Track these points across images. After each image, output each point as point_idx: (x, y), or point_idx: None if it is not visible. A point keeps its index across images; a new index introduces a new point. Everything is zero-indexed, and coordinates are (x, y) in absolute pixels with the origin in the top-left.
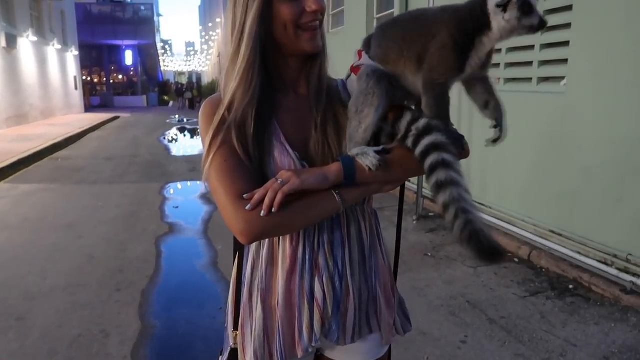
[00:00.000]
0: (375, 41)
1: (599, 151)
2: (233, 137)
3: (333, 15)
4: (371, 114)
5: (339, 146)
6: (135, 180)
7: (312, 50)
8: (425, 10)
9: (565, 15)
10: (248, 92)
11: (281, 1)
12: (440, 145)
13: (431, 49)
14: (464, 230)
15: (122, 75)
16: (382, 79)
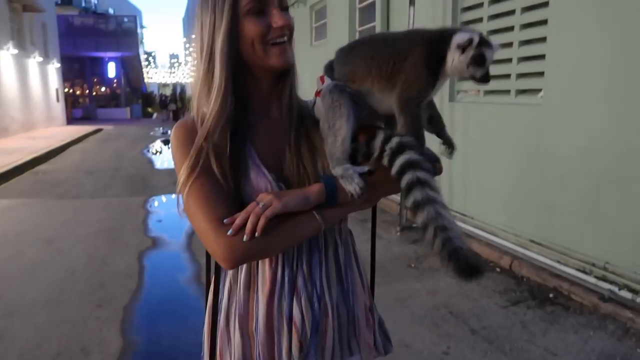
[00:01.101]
0: (338, 62)
1: (575, 161)
2: (212, 161)
3: (316, 28)
4: (344, 125)
5: (313, 166)
6: (118, 194)
7: (282, 65)
8: (392, 33)
9: (541, 29)
10: (224, 113)
11: (247, 18)
12: (415, 163)
13: (406, 68)
14: (443, 248)
15: (105, 87)
16: (344, 91)
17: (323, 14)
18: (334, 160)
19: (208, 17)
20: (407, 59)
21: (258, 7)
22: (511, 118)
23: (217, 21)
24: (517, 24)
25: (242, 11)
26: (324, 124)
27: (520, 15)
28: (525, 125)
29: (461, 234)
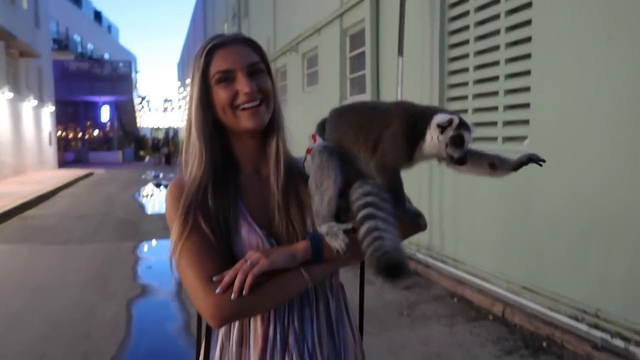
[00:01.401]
0: (330, 125)
1: (563, 208)
2: (199, 219)
3: (308, 74)
4: (331, 186)
5: (302, 225)
6: (108, 239)
7: (253, 127)
8: (381, 103)
9: (524, 79)
10: (205, 176)
11: (217, 87)
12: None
13: (384, 137)
14: (371, 255)
15: (98, 131)
16: (333, 152)
17: (314, 61)
18: (320, 219)
19: (189, 89)
20: (387, 128)
21: (225, 76)
22: None
23: (193, 92)
24: (502, 74)
25: (212, 81)
26: (312, 183)
27: (505, 65)
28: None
29: (396, 243)
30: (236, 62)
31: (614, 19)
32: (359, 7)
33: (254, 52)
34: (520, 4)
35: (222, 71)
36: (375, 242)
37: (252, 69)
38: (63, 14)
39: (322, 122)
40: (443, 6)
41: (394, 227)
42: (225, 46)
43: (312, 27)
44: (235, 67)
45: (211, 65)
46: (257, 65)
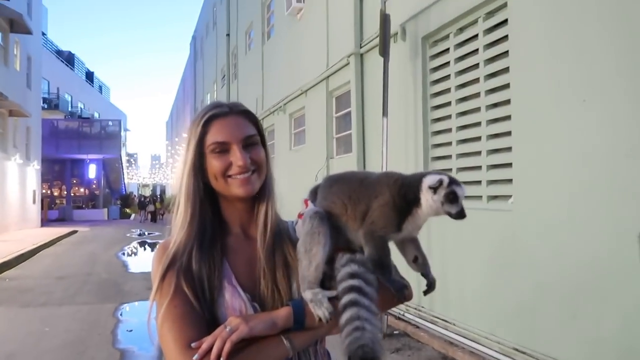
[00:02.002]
0: (321, 193)
1: (550, 268)
2: (182, 282)
3: (295, 134)
4: (319, 252)
5: (288, 289)
6: (88, 301)
7: (245, 195)
8: (371, 173)
9: (506, 139)
10: (189, 239)
11: (211, 156)
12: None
13: (373, 206)
14: (350, 343)
15: (83, 189)
16: (324, 219)
17: (302, 121)
18: (306, 284)
19: (183, 154)
20: (376, 198)
21: (221, 148)
22: (485, 223)
23: (187, 158)
24: (484, 134)
25: (207, 150)
26: (301, 247)
27: (487, 126)
28: (498, 231)
29: (375, 336)
30: (232, 134)
31: (589, 83)
32: (344, 70)
33: (250, 123)
34: (499, 69)
35: (218, 142)
36: (354, 332)
37: (247, 141)
38: (55, 75)
39: (315, 188)
40: (425, 69)
41: (376, 316)
42: (222, 117)
43: (298, 89)
44: (231, 139)
45: (207, 135)
46: (253, 138)
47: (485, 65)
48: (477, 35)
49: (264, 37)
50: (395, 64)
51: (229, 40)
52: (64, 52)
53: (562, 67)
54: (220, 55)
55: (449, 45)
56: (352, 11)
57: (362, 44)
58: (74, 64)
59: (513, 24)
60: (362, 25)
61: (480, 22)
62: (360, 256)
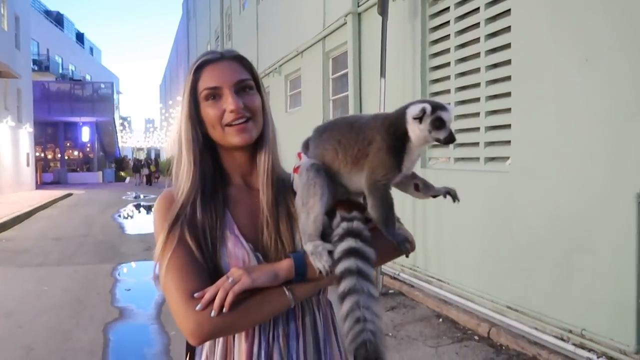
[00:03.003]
0: (312, 143)
1: (545, 228)
2: (185, 233)
3: (291, 96)
4: (317, 203)
5: (291, 241)
6: (85, 261)
7: (241, 143)
8: (359, 117)
9: (505, 100)
10: (194, 189)
11: (205, 103)
12: (354, 251)
13: (370, 154)
14: (352, 342)
15: (77, 152)
16: (321, 170)
17: (297, 83)
18: (306, 237)
19: (181, 104)
20: (370, 145)
21: (213, 93)
22: (481, 185)
23: (183, 107)
24: (483, 96)
25: (201, 97)
26: (299, 200)
27: (486, 87)
28: (495, 193)
29: (379, 327)
30: (224, 79)
31: (591, 43)
32: (341, 31)
33: (244, 68)
34: (500, 28)
35: (210, 88)
36: (356, 325)
37: (240, 85)
38: (44, 36)
39: (307, 140)
40: (424, 29)
41: (376, 301)
42: (214, 62)
43: (294, 50)
44: (223, 84)
45: (199, 82)
46: (246, 82)
47: (486, 25)
48: (478, 8)
49: None
50: (393, 24)
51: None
52: (53, 13)
53: (565, 26)
54: (213, 15)
55: (449, 3)
56: None
57: (359, 2)
58: (64, 25)
59: None
60: None
61: None
62: (356, 214)
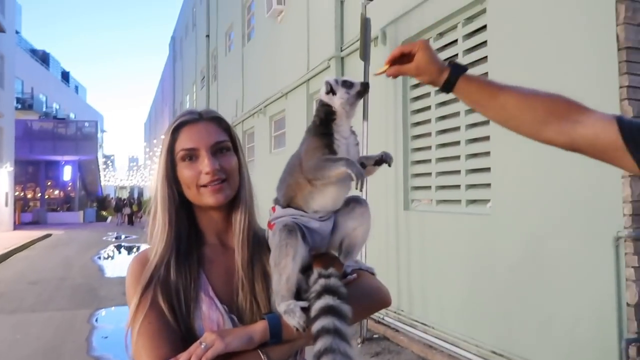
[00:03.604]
0: (278, 190)
1: (527, 271)
2: (158, 296)
3: (275, 137)
4: (289, 264)
5: (267, 301)
6: (62, 306)
7: (216, 204)
8: None
9: (485, 144)
10: (167, 250)
11: (181, 165)
12: (331, 309)
13: (303, 149)
14: None
15: (58, 191)
16: (294, 230)
17: (282, 124)
18: (279, 298)
19: (158, 162)
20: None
21: (189, 154)
22: (463, 227)
23: (160, 166)
24: (463, 139)
25: (177, 157)
26: (272, 260)
27: (465, 131)
28: (477, 235)
29: None
30: (201, 140)
31: (566, 90)
32: (325, 73)
33: (222, 129)
34: (478, 74)
35: (186, 149)
36: None
37: (217, 147)
38: (29, 74)
39: None
40: None
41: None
42: (191, 123)
43: (279, 92)
44: (199, 145)
45: (177, 142)
46: (222, 144)
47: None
48: (456, 40)
49: (244, 38)
50: (375, 68)
51: (208, 41)
52: (39, 52)
53: (540, 73)
54: (200, 56)
55: None
56: (333, 14)
57: (342, 47)
58: (49, 64)
59: (492, 29)
60: (342, 29)
61: (459, 27)
62: (332, 270)
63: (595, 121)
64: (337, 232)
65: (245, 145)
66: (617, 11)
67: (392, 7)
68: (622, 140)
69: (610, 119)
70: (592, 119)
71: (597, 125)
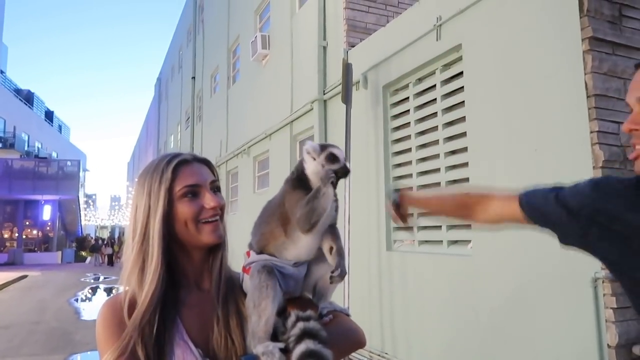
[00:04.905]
0: (252, 236)
1: (509, 311)
2: (137, 343)
3: (259, 177)
4: (269, 305)
5: (242, 340)
6: (34, 352)
7: (214, 241)
8: (275, 196)
9: (464, 186)
10: (157, 293)
11: (181, 201)
12: (312, 354)
13: (286, 204)
14: None
15: (37, 230)
16: (272, 271)
17: (266, 164)
18: (256, 339)
19: (143, 201)
20: (283, 201)
21: (192, 191)
22: (445, 267)
23: (153, 205)
24: (443, 180)
25: (177, 195)
26: (250, 302)
27: (445, 172)
28: (458, 276)
29: None
30: (201, 178)
31: (539, 134)
32: (308, 116)
33: (210, 171)
34: (456, 118)
35: (189, 186)
36: None
37: (213, 185)
38: (12, 113)
39: None
40: (385, 116)
41: None
42: (188, 163)
43: (263, 133)
44: (201, 182)
45: (177, 180)
46: (216, 183)
47: (443, 114)
48: (435, 85)
49: (230, 81)
50: (357, 111)
51: (194, 83)
52: (23, 91)
53: (515, 119)
54: (185, 97)
55: (408, 94)
56: (316, 59)
57: (325, 90)
58: (33, 103)
59: (468, 76)
60: (325, 73)
61: (437, 73)
62: (310, 313)
63: (499, 204)
64: (310, 276)
65: (229, 185)
66: (584, 61)
67: (373, 53)
68: (522, 212)
69: (513, 198)
70: (496, 203)
71: (502, 207)
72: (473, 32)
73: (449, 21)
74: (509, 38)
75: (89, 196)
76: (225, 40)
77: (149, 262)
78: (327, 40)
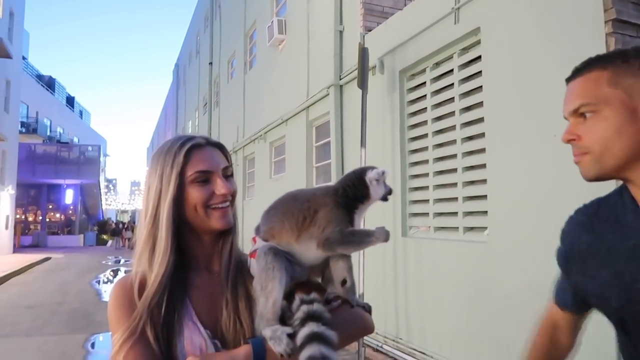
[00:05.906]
0: (262, 222)
1: (524, 297)
2: (147, 325)
3: (275, 162)
4: (276, 287)
5: (251, 322)
6: (57, 331)
7: (223, 227)
8: (302, 190)
9: (481, 171)
10: (167, 274)
11: (192, 186)
12: (316, 336)
13: (319, 217)
14: None
15: (59, 214)
16: (279, 253)
17: (282, 150)
18: (264, 321)
19: (155, 184)
20: (317, 212)
21: (203, 177)
22: (461, 254)
23: (164, 188)
24: (460, 166)
25: (188, 180)
26: (257, 285)
27: (462, 159)
28: (474, 262)
29: None
30: (213, 163)
31: (559, 119)
32: (324, 101)
33: (224, 156)
34: (474, 103)
35: (201, 171)
36: None
37: (226, 172)
38: (35, 99)
39: (259, 225)
40: (402, 102)
41: None
42: (201, 148)
43: (279, 118)
44: (213, 168)
45: (189, 165)
46: (229, 169)
47: (460, 99)
48: (452, 70)
49: (246, 66)
50: (373, 96)
51: (211, 69)
52: (45, 77)
53: (533, 104)
54: (202, 83)
55: (425, 79)
56: (332, 44)
57: (341, 75)
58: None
59: (486, 60)
60: (341, 58)
61: (455, 57)
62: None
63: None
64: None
65: (246, 171)
66: (607, 44)
67: (390, 38)
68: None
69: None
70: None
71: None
72: (492, 15)
73: (467, 4)
74: (528, 21)
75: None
76: (242, 25)
77: (159, 244)
78: (343, 25)
